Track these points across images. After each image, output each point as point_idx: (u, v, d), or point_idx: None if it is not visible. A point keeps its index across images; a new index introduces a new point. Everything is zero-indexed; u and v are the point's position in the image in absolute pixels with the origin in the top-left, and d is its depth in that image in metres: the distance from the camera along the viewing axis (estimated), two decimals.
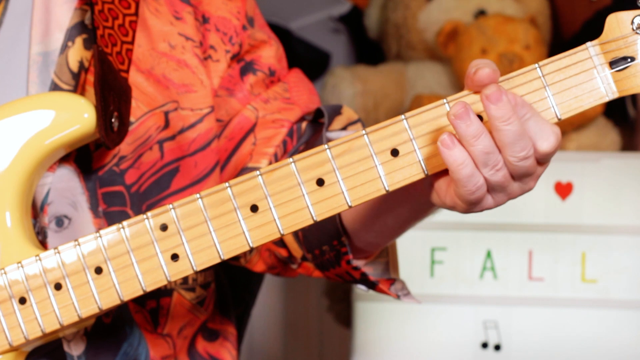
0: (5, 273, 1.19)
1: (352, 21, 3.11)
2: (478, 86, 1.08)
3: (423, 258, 2.32)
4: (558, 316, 2.30)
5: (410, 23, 2.74)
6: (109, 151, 1.31)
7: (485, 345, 2.30)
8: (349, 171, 1.13)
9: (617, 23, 1.10)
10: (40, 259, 1.18)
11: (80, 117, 1.23)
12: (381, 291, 1.36)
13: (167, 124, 1.35)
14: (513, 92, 1.09)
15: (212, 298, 1.46)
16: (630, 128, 2.65)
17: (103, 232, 1.17)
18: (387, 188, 1.13)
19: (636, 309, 2.28)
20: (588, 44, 1.11)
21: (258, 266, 1.45)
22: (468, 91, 1.12)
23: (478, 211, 1.13)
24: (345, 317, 2.62)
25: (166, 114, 1.35)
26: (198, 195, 1.15)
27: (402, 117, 1.12)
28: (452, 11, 2.68)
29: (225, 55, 1.39)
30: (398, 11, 2.77)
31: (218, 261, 1.16)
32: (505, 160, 1.09)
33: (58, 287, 1.18)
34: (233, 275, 1.56)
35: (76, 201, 1.31)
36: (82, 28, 1.32)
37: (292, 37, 3.07)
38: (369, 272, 1.34)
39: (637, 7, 1.10)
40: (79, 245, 1.17)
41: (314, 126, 1.42)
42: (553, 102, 1.11)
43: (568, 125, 2.50)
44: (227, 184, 1.15)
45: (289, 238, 1.38)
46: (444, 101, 1.12)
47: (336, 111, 1.40)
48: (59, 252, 1.18)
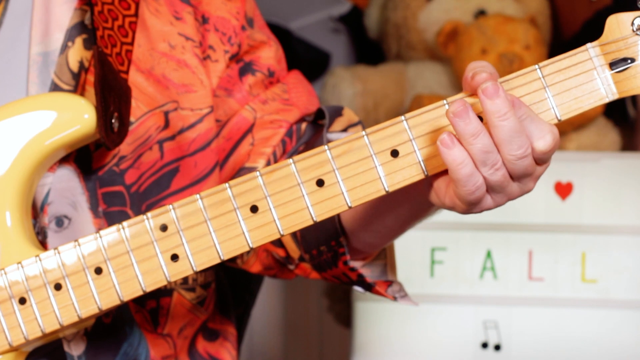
0: (5, 273, 1.19)
1: (352, 21, 3.10)
2: (476, 90, 1.08)
3: (423, 258, 2.32)
4: (558, 316, 2.29)
5: (410, 23, 2.74)
6: (109, 151, 1.31)
7: (485, 345, 2.30)
8: (349, 172, 1.13)
9: (618, 24, 1.10)
10: (40, 260, 1.18)
11: (80, 118, 1.23)
12: (378, 293, 1.36)
13: (167, 124, 1.35)
14: (510, 93, 1.09)
15: (213, 298, 1.46)
16: (630, 128, 2.64)
17: (103, 233, 1.17)
18: (387, 189, 1.13)
19: (636, 309, 2.28)
20: (588, 45, 1.11)
21: (255, 267, 1.44)
22: (468, 92, 1.12)
23: (477, 212, 1.13)
24: (345, 317, 2.62)
25: (166, 114, 1.35)
26: (198, 195, 1.15)
27: (402, 118, 1.12)
28: (452, 11, 2.68)
29: (224, 55, 1.39)
30: (398, 11, 2.77)
31: (218, 261, 1.16)
32: (503, 159, 1.09)
33: (58, 288, 1.18)
34: (233, 275, 1.56)
35: (76, 201, 1.31)
36: (82, 28, 1.32)
37: (292, 37, 3.07)
38: (367, 274, 1.34)
39: (638, 8, 1.10)
40: (79, 245, 1.17)
41: (314, 127, 1.42)
42: (553, 103, 1.11)
43: (568, 125, 2.49)
44: (227, 185, 1.15)
45: (287, 238, 1.38)
46: (444, 102, 1.12)
47: (337, 112, 1.40)
48: (59, 253, 1.18)
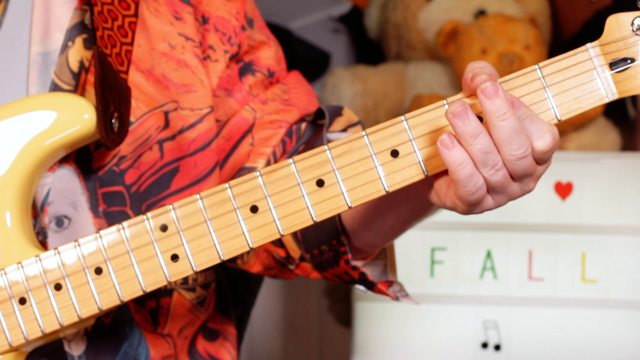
0: (5, 273, 1.19)
1: (352, 21, 3.10)
2: (475, 90, 1.08)
3: (423, 258, 2.32)
4: (558, 316, 2.29)
5: (410, 23, 2.74)
6: (109, 151, 1.31)
7: (485, 345, 2.30)
8: (349, 172, 1.13)
9: (618, 24, 1.10)
10: (40, 260, 1.18)
11: (80, 118, 1.23)
12: (380, 292, 1.36)
13: (167, 124, 1.35)
14: (509, 93, 1.09)
15: (213, 298, 1.46)
16: (630, 128, 2.64)
17: (103, 233, 1.17)
18: (387, 189, 1.13)
19: (636, 309, 2.28)
20: (588, 45, 1.11)
21: (255, 267, 1.44)
22: (467, 93, 1.12)
23: (478, 212, 1.12)
24: (345, 317, 2.62)
25: (166, 114, 1.35)
26: (198, 195, 1.15)
27: (402, 118, 1.12)
28: (452, 11, 2.68)
29: (224, 55, 1.39)
30: (398, 11, 2.77)
31: (218, 262, 1.16)
32: (504, 159, 1.08)
33: (58, 288, 1.18)
34: (233, 275, 1.56)
35: (76, 201, 1.31)
36: (82, 28, 1.31)
37: (292, 37, 3.07)
38: (368, 274, 1.34)
39: (638, 8, 1.10)
40: (79, 245, 1.17)
41: (314, 127, 1.42)
42: (553, 103, 1.11)
43: (568, 125, 2.49)
44: (227, 185, 1.15)
45: (287, 238, 1.38)
46: (444, 102, 1.12)
47: (337, 112, 1.40)
48: (59, 253, 1.18)
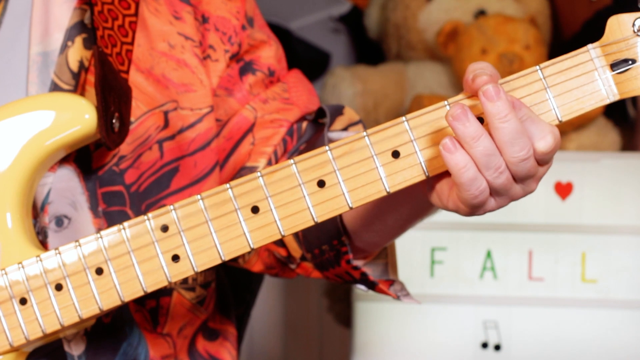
0: (6, 274, 1.19)
1: (352, 21, 3.10)
2: (477, 92, 1.08)
3: (423, 258, 2.32)
4: (558, 316, 2.29)
5: (410, 23, 2.74)
6: (109, 151, 1.31)
7: (485, 345, 2.30)
8: (350, 173, 1.13)
9: (618, 25, 1.10)
10: (41, 260, 1.18)
11: (81, 118, 1.22)
12: (381, 291, 1.36)
13: (167, 124, 1.35)
14: (510, 94, 1.09)
15: (213, 297, 1.46)
16: (630, 128, 2.64)
17: (104, 233, 1.17)
18: (388, 190, 1.13)
19: (636, 309, 2.28)
20: (589, 46, 1.11)
21: (256, 267, 1.44)
22: (468, 94, 1.12)
23: (481, 214, 1.12)
24: (345, 317, 2.62)
25: (166, 114, 1.35)
26: (199, 196, 1.15)
27: (403, 119, 1.12)
28: (452, 11, 2.67)
29: (224, 55, 1.39)
30: (398, 11, 2.77)
31: (219, 262, 1.16)
32: (506, 161, 1.08)
33: (59, 288, 1.18)
34: (234, 275, 1.56)
35: (76, 201, 1.31)
36: (82, 27, 1.31)
37: (292, 37, 3.07)
38: (368, 273, 1.34)
39: (638, 9, 1.10)
40: (80, 246, 1.17)
41: (315, 126, 1.42)
42: (554, 104, 1.11)
43: (568, 125, 2.49)
44: (228, 185, 1.15)
45: (289, 237, 1.38)
46: (445, 103, 1.12)
47: (338, 111, 1.40)
48: (60, 253, 1.18)
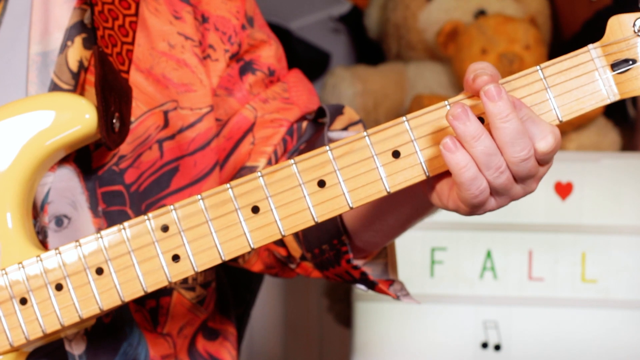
0: (6, 273, 1.19)
1: (352, 21, 3.10)
2: (477, 92, 1.08)
3: (423, 258, 2.32)
4: (558, 316, 2.29)
5: (410, 23, 2.74)
6: (109, 151, 1.31)
7: (485, 345, 2.30)
8: (350, 172, 1.13)
9: (619, 25, 1.10)
10: (41, 260, 1.18)
11: (81, 118, 1.22)
12: (381, 291, 1.36)
13: (167, 124, 1.35)
14: (511, 94, 1.09)
15: (213, 297, 1.46)
16: (630, 128, 2.64)
17: (104, 233, 1.17)
18: (389, 190, 1.13)
19: (636, 309, 2.28)
20: (590, 46, 1.11)
21: (256, 266, 1.44)
22: (469, 94, 1.12)
23: (481, 214, 1.12)
24: (345, 317, 2.62)
25: (165, 114, 1.35)
26: (199, 196, 1.15)
27: (404, 119, 1.12)
28: (452, 11, 2.68)
29: (224, 54, 1.39)
30: (398, 11, 2.77)
31: (219, 262, 1.16)
32: (507, 161, 1.08)
33: (59, 288, 1.18)
34: (234, 274, 1.56)
35: (76, 201, 1.31)
36: (82, 27, 1.31)
37: (292, 37, 3.07)
38: (368, 273, 1.34)
39: (639, 9, 1.10)
40: (80, 245, 1.17)
41: (315, 126, 1.42)
42: (554, 104, 1.11)
43: (568, 125, 2.49)
44: (228, 185, 1.15)
45: (289, 237, 1.38)
46: (445, 103, 1.12)
47: (338, 111, 1.40)
48: (60, 253, 1.18)
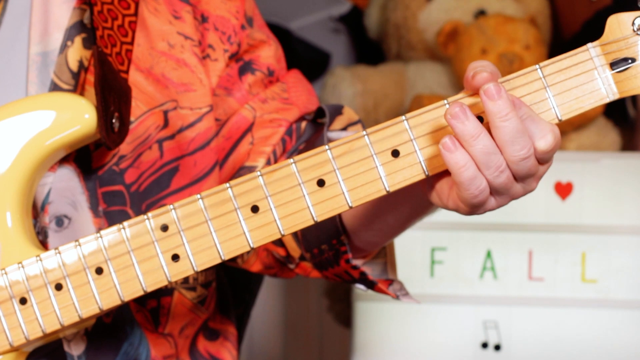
0: (6, 273, 1.19)
1: (352, 21, 3.11)
2: (477, 90, 1.08)
3: (423, 258, 2.32)
4: (558, 316, 2.29)
5: (410, 23, 2.74)
6: (109, 151, 1.31)
7: (485, 345, 2.30)
8: (350, 172, 1.13)
9: (618, 24, 1.10)
10: (40, 259, 1.18)
11: (81, 118, 1.22)
12: (380, 291, 1.36)
13: (167, 123, 1.35)
14: (510, 93, 1.09)
15: (213, 297, 1.46)
16: (630, 128, 2.64)
17: (104, 233, 1.17)
18: (388, 189, 1.13)
19: (636, 309, 2.28)
20: (589, 45, 1.11)
21: (255, 266, 1.44)
22: (469, 92, 1.12)
23: (481, 213, 1.12)
24: (345, 317, 2.62)
25: (165, 113, 1.35)
26: (199, 195, 1.15)
27: (403, 118, 1.12)
28: (452, 11, 2.68)
29: (223, 54, 1.39)
30: (398, 11, 2.77)
31: (219, 262, 1.16)
32: (507, 160, 1.08)
33: (59, 288, 1.18)
34: (233, 275, 1.56)
35: (76, 201, 1.31)
36: (81, 27, 1.31)
37: (292, 37, 3.07)
38: (368, 272, 1.34)
39: (638, 8, 1.10)
40: (80, 245, 1.17)
41: (314, 126, 1.42)
42: (554, 103, 1.11)
43: (568, 125, 2.49)
44: (228, 185, 1.15)
45: (288, 237, 1.38)
46: (445, 102, 1.12)
47: (337, 111, 1.40)
48: (60, 253, 1.18)
